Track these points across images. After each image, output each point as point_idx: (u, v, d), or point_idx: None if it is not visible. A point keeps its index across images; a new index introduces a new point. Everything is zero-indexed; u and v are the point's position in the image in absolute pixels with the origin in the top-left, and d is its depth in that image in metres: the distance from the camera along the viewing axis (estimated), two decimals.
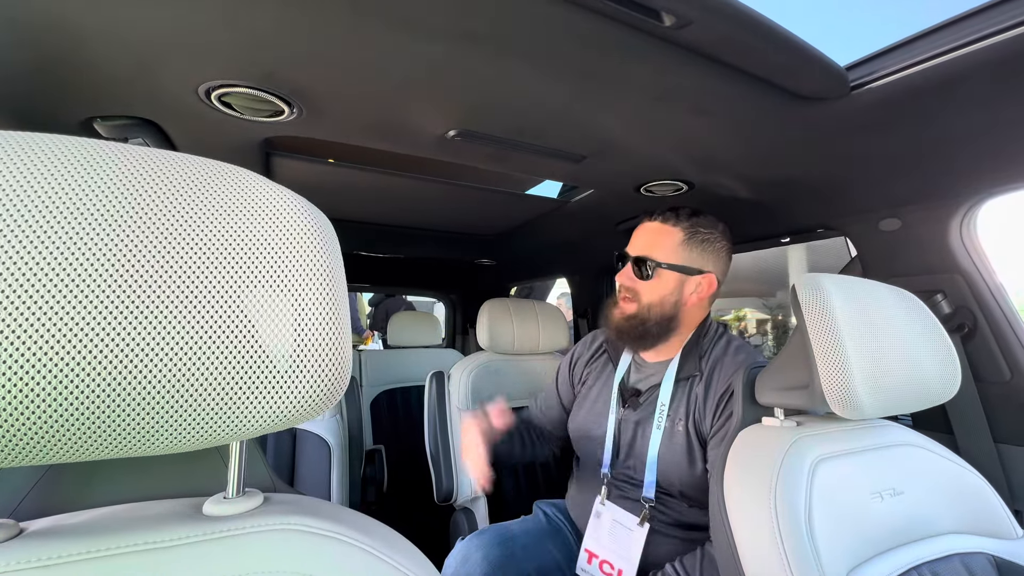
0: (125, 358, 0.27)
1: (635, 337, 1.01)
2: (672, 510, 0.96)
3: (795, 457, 0.68)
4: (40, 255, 0.26)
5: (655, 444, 0.97)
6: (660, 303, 0.99)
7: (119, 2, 0.50)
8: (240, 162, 1.03)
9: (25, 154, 0.29)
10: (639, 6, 0.54)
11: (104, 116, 0.73)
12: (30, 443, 0.27)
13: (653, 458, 0.96)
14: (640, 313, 1.00)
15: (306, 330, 0.33)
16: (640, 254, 1.00)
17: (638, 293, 1.00)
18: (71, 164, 0.29)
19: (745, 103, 0.74)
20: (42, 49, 0.57)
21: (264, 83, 0.67)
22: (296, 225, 0.34)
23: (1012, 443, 0.93)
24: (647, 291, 0.99)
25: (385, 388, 2.35)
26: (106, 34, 0.55)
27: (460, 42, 0.59)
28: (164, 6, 0.51)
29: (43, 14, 0.52)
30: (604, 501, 1.02)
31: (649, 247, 0.99)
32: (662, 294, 0.99)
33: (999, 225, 1.12)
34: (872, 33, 22.37)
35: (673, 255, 0.98)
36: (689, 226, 0.99)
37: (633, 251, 1.01)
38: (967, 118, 0.72)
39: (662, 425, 0.97)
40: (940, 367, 0.72)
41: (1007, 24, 0.57)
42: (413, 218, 1.68)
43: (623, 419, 1.04)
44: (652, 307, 0.99)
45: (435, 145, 0.90)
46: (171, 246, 0.30)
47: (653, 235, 1.00)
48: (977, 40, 0.59)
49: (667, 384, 0.99)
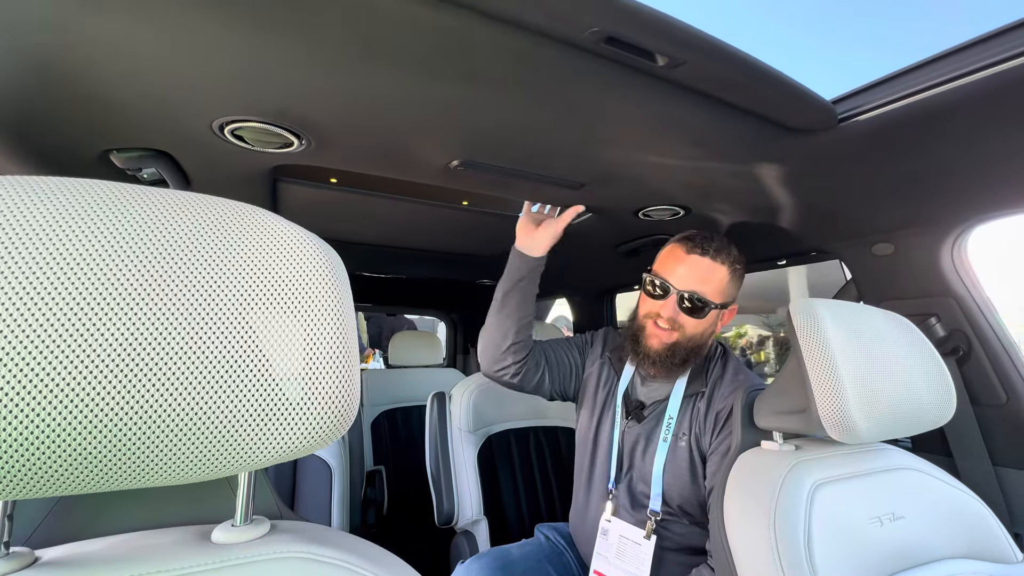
0: (142, 393, 0.29)
1: (672, 365, 0.99)
2: (677, 532, 0.96)
3: (794, 481, 0.68)
4: (63, 294, 0.28)
5: (660, 457, 0.98)
6: (700, 335, 0.99)
7: (140, 43, 0.53)
8: (249, 188, 1.06)
9: (63, 198, 0.30)
10: (635, 48, 0.57)
11: (120, 148, 0.75)
12: (48, 476, 0.28)
13: (659, 471, 0.97)
14: (681, 343, 0.98)
15: (317, 364, 0.34)
16: (691, 290, 0.96)
17: (683, 326, 0.97)
18: (102, 207, 0.31)
19: (737, 135, 0.77)
20: (66, 88, 0.60)
21: (276, 118, 0.70)
22: (309, 262, 0.36)
23: (1010, 466, 0.93)
24: (693, 326, 0.97)
25: (386, 408, 2.35)
26: (127, 73, 0.58)
27: (464, 81, 0.62)
28: (183, 47, 0.54)
29: (68, 54, 0.54)
30: (610, 517, 1.02)
31: (700, 284, 0.96)
32: (705, 327, 0.99)
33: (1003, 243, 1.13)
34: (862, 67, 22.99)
35: (720, 294, 0.97)
36: (732, 262, 0.98)
37: (681, 285, 0.96)
38: (953, 149, 0.75)
39: (668, 439, 0.98)
40: (935, 391, 0.73)
41: (987, 62, 0.60)
42: (415, 240, 1.71)
43: (627, 431, 1.05)
44: (692, 339, 0.98)
45: (439, 174, 0.93)
46: (189, 284, 0.31)
47: (704, 272, 0.96)
48: (959, 77, 0.62)
49: (675, 399, 1.00)
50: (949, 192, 0.86)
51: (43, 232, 0.29)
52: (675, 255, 1.00)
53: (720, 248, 0.98)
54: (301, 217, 1.34)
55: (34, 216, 0.29)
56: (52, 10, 0.47)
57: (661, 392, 1.05)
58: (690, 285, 0.96)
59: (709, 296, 0.96)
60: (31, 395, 0.26)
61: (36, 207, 0.29)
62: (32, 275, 0.27)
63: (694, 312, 0.96)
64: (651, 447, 1.01)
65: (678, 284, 0.97)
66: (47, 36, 0.51)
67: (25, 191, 0.30)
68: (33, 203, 0.29)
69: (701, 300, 0.96)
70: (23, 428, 0.26)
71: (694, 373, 1.02)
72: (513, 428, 1.59)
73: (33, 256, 0.28)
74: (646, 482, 0.99)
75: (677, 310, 0.97)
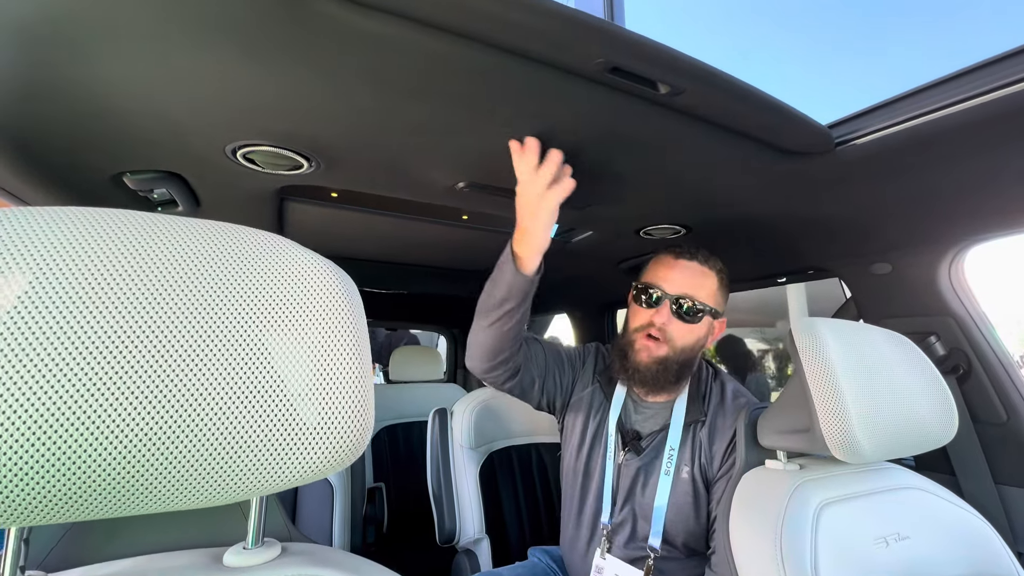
0: (160, 419, 0.29)
1: (662, 382, 0.95)
2: (674, 570, 0.92)
3: (799, 502, 0.68)
4: (82, 322, 0.28)
5: (664, 492, 0.93)
6: (691, 347, 0.95)
7: (158, 73, 0.55)
8: (256, 207, 1.07)
9: (89, 227, 0.31)
10: (638, 77, 0.59)
11: (134, 171, 0.77)
12: (66, 502, 0.28)
13: (661, 507, 0.93)
14: (671, 356, 0.94)
15: (333, 389, 0.35)
16: (683, 294, 0.93)
17: (672, 336, 0.94)
18: (127, 236, 0.32)
19: (737, 158, 0.79)
20: (85, 114, 0.62)
21: (287, 142, 0.72)
22: (325, 289, 0.37)
23: (1013, 484, 0.93)
24: (684, 334, 0.94)
25: (386, 424, 2.33)
26: (144, 100, 0.60)
27: (471, 107, 0.64)
28: (200, 75, 0.56)
29: (87, 82, 0.56)
30: (605, 555, 0.98)
31: (692, 288, 0.94)
32: (696, 337, 0.95)
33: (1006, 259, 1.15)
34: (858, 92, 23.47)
35: (712, 298, 0.95)
36: (719, 271, 0.97)
37: (674, 290, 0.94)
38: (945, 173, 0.77)
39: (670, 472, 0.94)
40: (936, 410, 0.74)
41: (973, 93, 0.62)
42: (417, 256, 1.72)
43: (624, 464, 0.99)
44: (684, 350, 0.94)
45: (444, 194, 0.95)
46: (207, 310, 0.32)
47: (695, 276, 0.95)
48: (948, 105, 0.64)
49: (676, 429, 0.96)
50: (944, 214, 0.88)
51: (69, 261, 0.29)
52: (664, 262, 0.98)
53: (708, 256, 0.97)
54: (305, 234, 1.36)
55: (62, 245, 0.30)
56: (72, 41, 0.49)
57: (658, 421, 1.01)
58: (683, 289, 0.94)
59: (701, 299, 0.94)
60: (48, 423, 0.27)
61: (64, 237, 0.30)
62: (54, 303, 0.28)
63: (689, 317, 0.94)
64: (651, 481, 0.96)
65: (671, 289, 0.94)
66: (67, 66, 0.53)
67: (52, 222, 0.31)
68: (61, 233, 0.30)
69: (696, 303, 0.93)
70: (41, 455, 0.26)
71: (691, 398, 0.98)
72: (515, 445, 1.58)
73: (58, 283, 0.29)
74: (646, 518, 0.95)
75: (671, 317, 0.94)
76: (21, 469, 0.26)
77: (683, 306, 0.94)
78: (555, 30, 0.51)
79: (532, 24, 0.51)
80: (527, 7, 0.49)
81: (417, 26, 0.49)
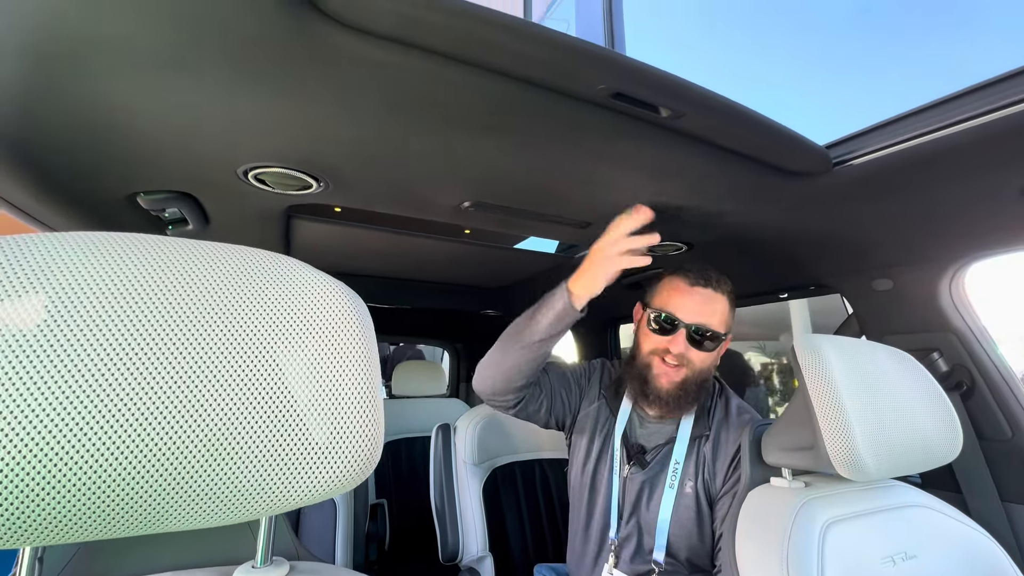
0: (172, 440, 0.30)
1: (683, 404, 0.97)
2: None
3: (805, 520, 0.68)
4: (94, 343, 0.29)
5: (667, 505, 0.94)
6: (708, 369, 0.98)
7: (175, 99, 0.57)
8: (264, 225, 1.09)
9: (110, 253, 0.32)
10: (640, 102, 0.61)
11: (148, 191, 0.79)
12: (79, 522, 0.28)
13: (665, 520, 0.94)
14: (690, 378, 0.96)
15: (344, 410, 0.35)
16: (699, 323, 0.95)
17: (692, 361, 0.96)
18: (145, 259, 0.33)
19: (737, 178, 0.80)
20: (103, 139, 0.64)
21: (297, 164, 0.73)
22: (338, 312, 0.38)
23: (1020, 502, 0.93)
24: (701, 359, 0.96)
25: (389, 439, 2.32)
26: (160, 125, 0.62)
27: (479, 132, 0.66)
28: (215, 101, 0.57)
29: (106, 109, 0.58)
30: (612, 570, 0.98)
31: (706, 316, 0.95)
32: (712, 360, 0.98)
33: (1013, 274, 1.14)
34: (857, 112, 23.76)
35: (724, 324, 0.97)
36: (728, 291, 0.99)
37: (689, 318, 0.95)
38: (942, 192, 0.78)
39: (675, 485, 0.95)
40: (941, 427, 0.74)
41: (967, 115, 0.63)
42: (421, 272, 1.74)
43: (629, 478, 1.01)
44: (702, 372, 0.97)
45: (450, 213, 0.96)
46: (221, 332, 0.33)
47: (709, 303, 0.96)
48: (943, 127, 0.66)
49: (682, 443, 0.97)
50: (942, 231, 0.89)
51: (85, 284, 0.30)
52: (677, 288, 0.99)
53: (718, 278, 0.99)
54: (311, 250, 1.37)
55: (81, 269, 0.31)
56: (93, 68, 0.51)
57: (663, 434, 1.02)
58: (698, 318, 0.95)
59: (716, 327, 0.95)
60: (63, 443, 0.27)
61: (83, 261, 0.31)
62: (71, 326, 0.29)
63: (704, 345, 0.95)
64: (656, 494, 0.97)
65: (686, 317, 0.95)
66: (88, 93, 0.54)
67: (73, 247, 0.32)
68: (81, 257, 0.31)
69: (710, 332, 0.95)
70: (57, 475, 0.27)
71: (698, 413, 1.00)
72: (518, 461, 1.57)
73: (76, 307, 0.29)
74: (650, 532, 0.96)
75: (687, 345, 0.95)
76: (37, 489, 0.27)
77: (699, 334, 0.95)
78: (560, 59, 0.53)
79: (538, 54, 0.52)
80: (533, 38, 0.51)
81: (427, 55, 0.51)
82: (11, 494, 0.26)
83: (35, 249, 0.30)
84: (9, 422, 0.26)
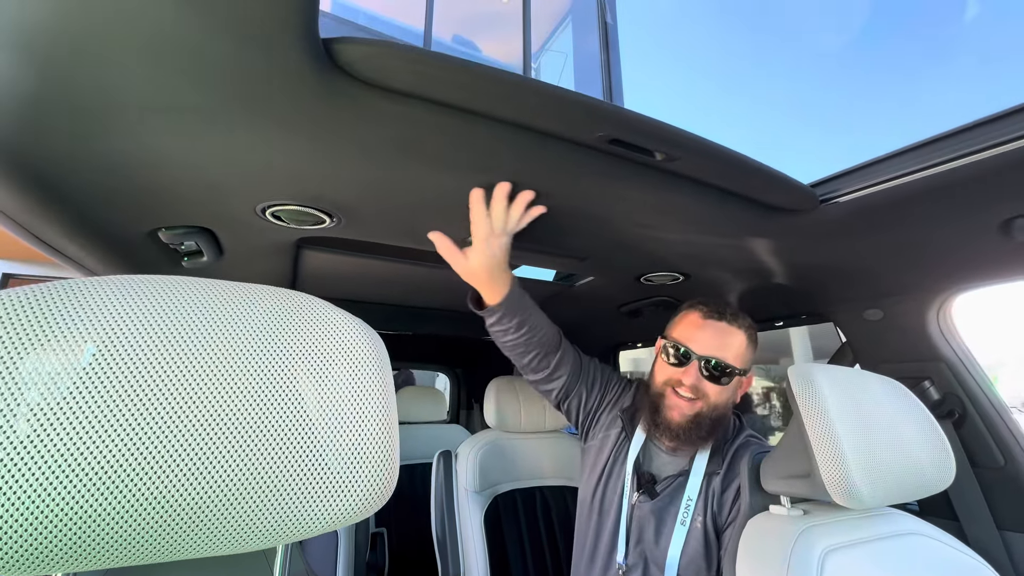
0: (192, 468, 0.31)
1: (694, 438, 0.96)
2: None
3: (804, 548, 0.69)
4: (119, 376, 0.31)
5: (678, 542, 0.93)
6: (724, 404, 0.97)
7: (199, 141, 0.60)
8: (275, 256, 1.13)
9: (149, 296, 0.35)
10: (636, 147, 0.65)
11: (169, 227, 0.83)
12: (101, 549, 0.30)
13: (675, 557, 0.93)
14: (704, 412, 0.95)
15: (361, 439, 0.38)
16: (712, 356, 0.95)
17: (706, 395, 0.95)
18: (179, 301, 0.36)
19: (730, 215, 0.84)
20: (129, 179, 0.68)
21: (313, 202, 0.77)
22: (356, 347, 0.41)
23: (1016, 530, 0.94)
24: (716, 393, 0.95)
25: None
26: (183, 165, 0.66)
27: (485, 173, 0.71)
28: (237, 146, 0.62)
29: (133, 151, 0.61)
30: None
31: (721, 350, 0.95)
32: (728, 396, 0.97)
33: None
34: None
35: (740, 359, 0.96)
36: (748, 327, 0.98)
37: (702, 351, 0.95)
38: (925, 229, 0.82)
39: (686, 523, 0.94)
40: (934, 455, 0.76)
41: (951, 156, 0.67)
42: (424, 299, 1.77)
43: (637, 505, 1.00)
44: (716, 408, 0.96)
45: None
46: (246, 367, 0.35)
47: (723, 336, 0.96)
48: (921, 169, 0.70)
49: (696, 478, 0.96)
50: (927, 265, 0.93)
51: (121, 323, 0.33)
52: (692, 321, 0.99)
53: (736, 313, 0.99)
54: (317, 279, 1.41)
55: (118, 311, 0.33)
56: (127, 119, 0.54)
57: (675, 466, 1.01)
58: (711, 351, 0.95)
59: (730, 361, 0.95)
60: (92, 477, 0.29)
61: (126, 304, 0.34)
62: (108, 361, 0.31)
63: (717, 379, 0.95)
64: (665, 528, 0.96)
65: (698, 350, 0.96)
66: (119, 139, 0.58)
67: (115, 290, 0.34)
68: (119, 300, 0.34)
69: (723, 366, 0.94)
70: (88, 505, 0.29)
71: (714, 448, 0.99)
72: (520, 488, 1.57)
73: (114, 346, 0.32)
74: (659, 567, 0.94)
75: (700, 377, 0.95)
76: (70, 519, 0.28)
77: (711, 367, 0.95)
78: (562, 110, 0.58)
79: (541, 105, 0.57)
80: (536, 91, 0.56)
81: (438, 107, 0.56)
82: (45, 526, 0.28)
83: (79, 294, 0.33)
84: (51, 453, 0.28)
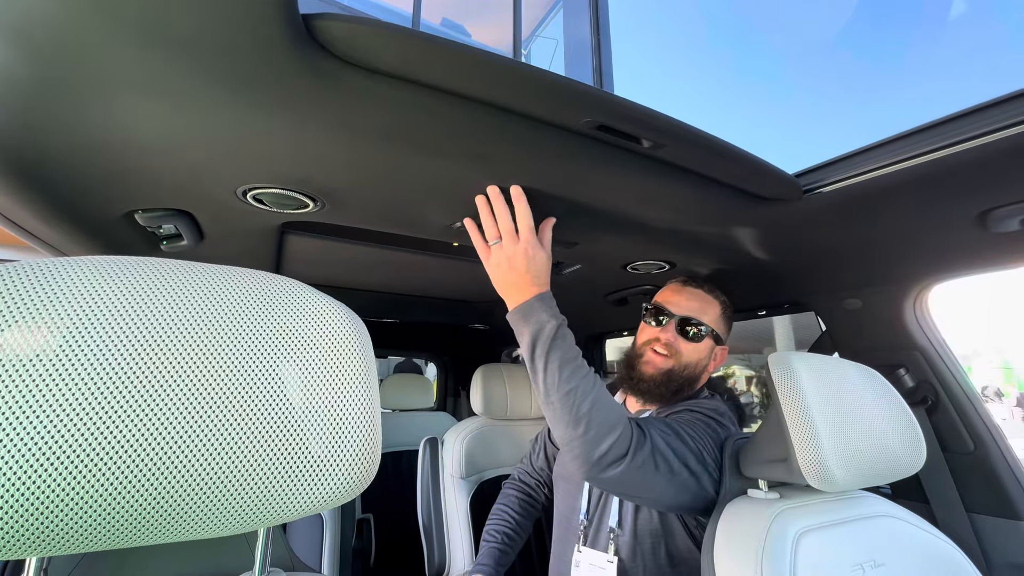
0: (172, 451, 0.31)
1: (666, 392, 1.03)
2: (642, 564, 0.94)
3: (779, 530, 0.71)
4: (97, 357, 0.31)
5: None
6: (695, 365, 1.04)
7: (177, 122, 0.58)
8: (258, 240, 1.11)
9: (124, 277, 0.35)
10: (623, 134, 0.65)
11: (146, 209, 0.80)
12: (81, 533, 0.29)
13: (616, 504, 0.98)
14: (675, 370, 1.03)
15: (342, 423, 0.38)
16: (689, 315, 1.04)
17: (679, 352, 1.03)
18: (156, 283, 0.35)
19: (715, 204, 0.85)
20: (105, 159, 0.65)
21: (296, 185, 0.76)
22: (338, 331, 0.41)
23: (983, 513, 0.97)
24: (689, 351, 1.03)
25: None
26: (162, 146, 0.64)
27: (471, 158, 0.70)
28: (217, 126, 0.60)
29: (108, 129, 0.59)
30: (581, 548, 1.01)
31: (698, 311, 1.05)
32: (699, 357, 1.04)
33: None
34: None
35: (715, 323, 1.05)
36: (723, 302, 1.09)
37: (679, 311, 1.05)
38: (904, 220, 0.84)
39: None
40: (906, 440, 0.78)
41: (922, 151, 0.69)
42: (410, 286, 1.76)
43: None
44: (687, 367, 1.03)
45: (441, 231, 1.00)
46: (227, 349, 0.35)
47: (700, 301, 1.06)
48: (901, 161, 0.71)
49: None
50: (905, 256, 0.95)
51: (92, 304, 0.32)
52: (672, 288, 1.11)
53: (713, 288, 1.10)
54: (302, 264, 1.39)
55: (98, 292, 0.33)
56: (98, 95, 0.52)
57: None
58: (688, 311, 1.05)
59: (706, 321, 1.04)
60: (70, 459, 0.28)
61: (99, 285, 0.33)
62: (79, 343, 0.31)
63: (692, 336, 1.03)
64: None
65: (676, 310, 1.05)
66: (93, 117, 0.56)
67: (90, 272, 0.34)
68: (97, 281, 0.34)
69: (699, 324, 1.03)
70: (63, 488, 0.28)
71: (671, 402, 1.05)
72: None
73: (86, 327, 0.31)
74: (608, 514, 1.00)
75: (676, 335, 1.04)
76: (46, 502, 0.28)
77: (688, 326, 1.04)
78: (549, 95, 0.57)
79: (528, 90, 0.56)
80: (524, 75, 0.55)
81: (424, 89, 0.55)
82: (21, 507, 0.27)
83: (52, 274, 0.32)
84: (22, 438, 0.28)
